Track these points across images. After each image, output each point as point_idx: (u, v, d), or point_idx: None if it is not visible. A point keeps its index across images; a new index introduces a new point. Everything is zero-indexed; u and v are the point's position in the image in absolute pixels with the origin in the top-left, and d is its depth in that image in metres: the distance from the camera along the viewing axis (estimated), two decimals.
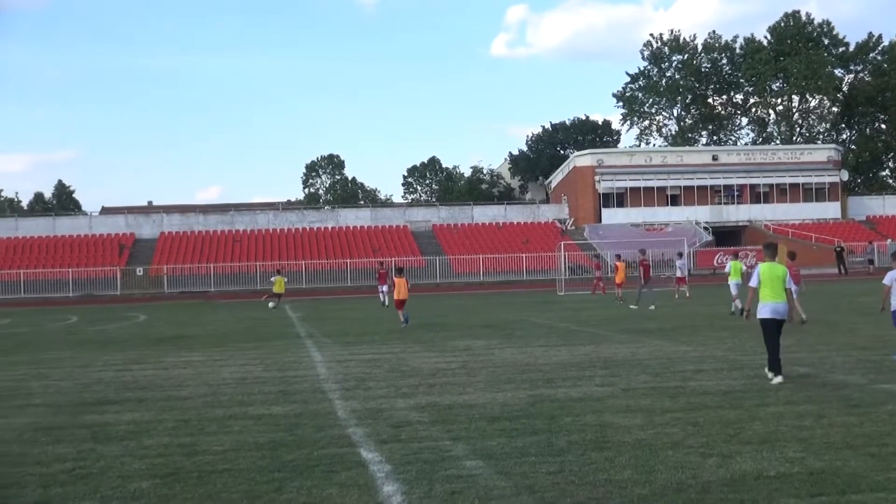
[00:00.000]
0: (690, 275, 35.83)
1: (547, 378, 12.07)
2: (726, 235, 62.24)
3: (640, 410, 9.44)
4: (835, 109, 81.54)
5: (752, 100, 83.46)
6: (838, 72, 79.81)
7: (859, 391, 10.32)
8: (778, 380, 10.92)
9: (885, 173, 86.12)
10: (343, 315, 28.42)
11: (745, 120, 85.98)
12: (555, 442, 8.02)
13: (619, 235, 56.56)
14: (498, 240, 60.63)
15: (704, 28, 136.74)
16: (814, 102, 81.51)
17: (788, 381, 10.94)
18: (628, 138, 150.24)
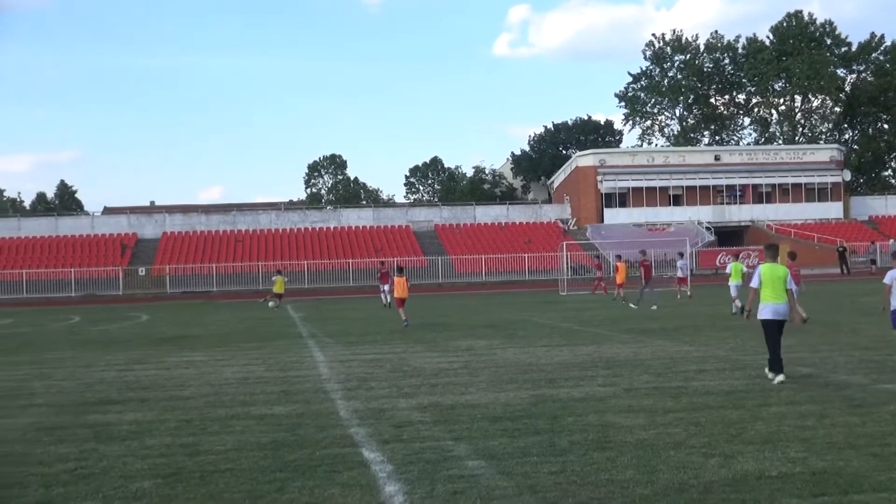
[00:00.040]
0: (693, 275, 35.79)
1: (549, 378, 12.07)
2: (729, 235, 62.16)
3: (643, 410, 9.44)
4: (837, 109, 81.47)
5: (755, 100, 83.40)
6: (841, 72, 79.74)
7: (862, 391, 10.32)
8: (780, 378, 10.92)
9: (888, 173, 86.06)
10: (345, 315, 28.43)
11: (748, 120, 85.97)
12: (557, 442, 8.02)
13: (622, 235, 56.52)
14: (500, 240, 60.61)
15: (707, 28, 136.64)
16: (816, 102, 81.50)
17: (791, 381, 10.94)
18: (630, 138, 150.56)
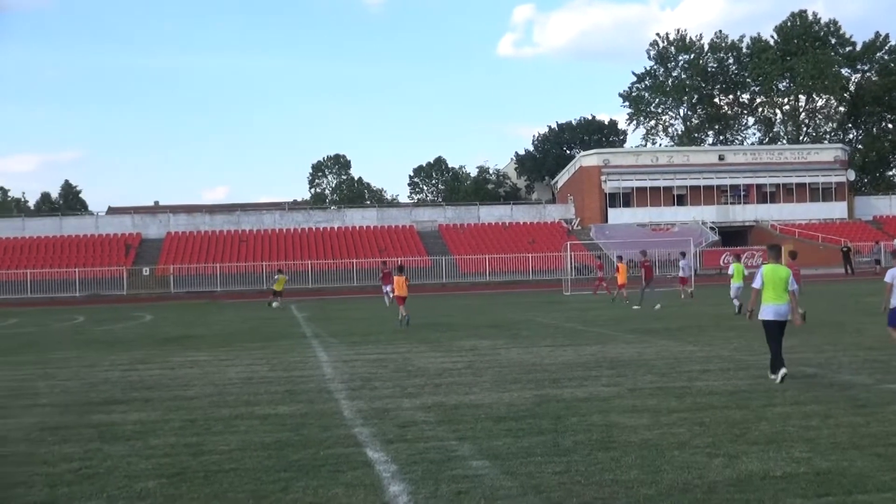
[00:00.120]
0: (696, 275, 35.75)
1: (553, 378, 12.06)
2: (733, 235, 62.10)
3: (647, 410, 9.43)
4: (841, 109, 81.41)
5: (759, 99, 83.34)
6: (845, 71, 79.63)
7: (866, 391, 10.30)
8: (782, 372, 10.85)
9: (892, 173, 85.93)
10: (349, 315, 28.44)
11: (752, 120, 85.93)
12: (561, 442, 8.02)
13: (626, 235, 56.48)
14: (504, 240, 60.61)
15: (711, 28, 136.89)
16: (820, 102, 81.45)
17: (795, 381, 10.92)
18: (634, 138, 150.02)
